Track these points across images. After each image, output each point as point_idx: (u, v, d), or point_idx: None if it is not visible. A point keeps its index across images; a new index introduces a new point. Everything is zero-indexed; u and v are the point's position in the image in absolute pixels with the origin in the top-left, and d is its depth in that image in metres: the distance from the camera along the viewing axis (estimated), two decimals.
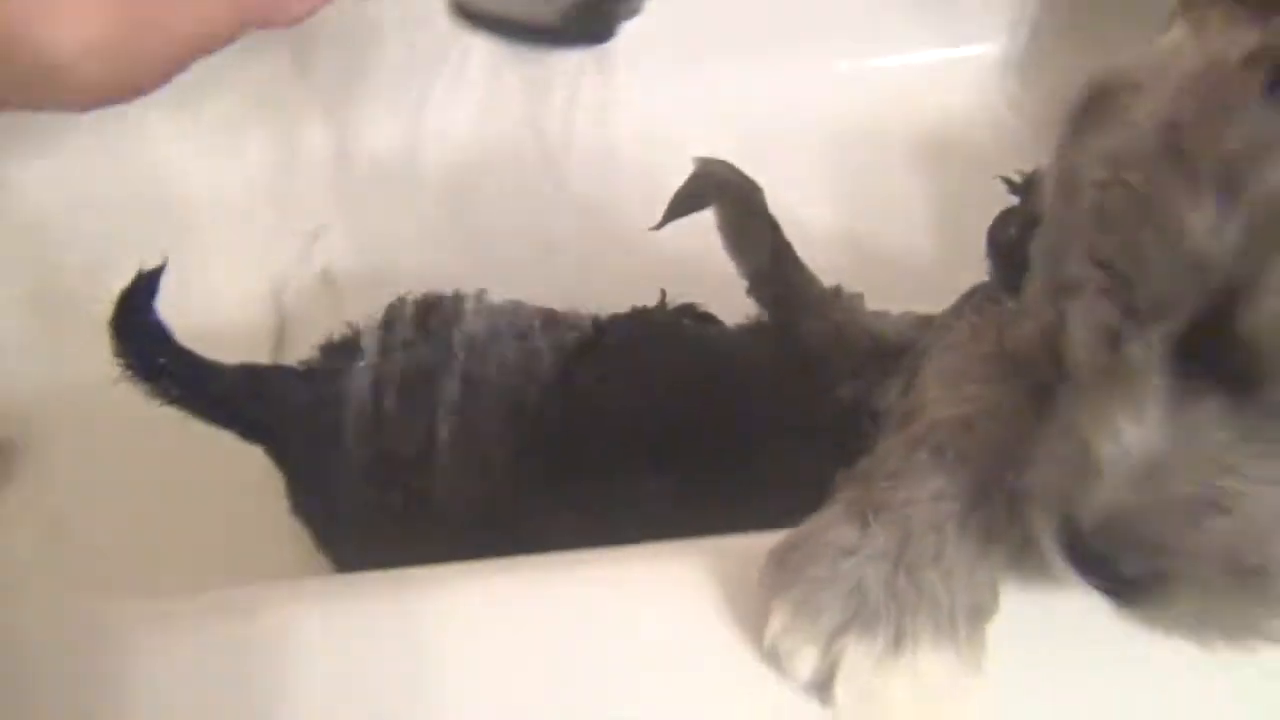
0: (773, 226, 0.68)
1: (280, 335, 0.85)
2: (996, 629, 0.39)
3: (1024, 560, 0.39)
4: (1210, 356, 0.32)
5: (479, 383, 0.63)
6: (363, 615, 0.44)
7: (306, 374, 0.66)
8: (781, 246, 0.68)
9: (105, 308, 0.63)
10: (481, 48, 0.59)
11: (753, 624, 0.41)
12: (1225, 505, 0.32)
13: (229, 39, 0.44)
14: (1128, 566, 0.34)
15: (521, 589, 0.45)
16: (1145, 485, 0.33)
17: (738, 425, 0.60)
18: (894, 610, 0.38)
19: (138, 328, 0.62)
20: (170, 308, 0.63)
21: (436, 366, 0.63)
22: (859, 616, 0.38)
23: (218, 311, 0.85)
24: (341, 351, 0.66)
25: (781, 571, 0.39)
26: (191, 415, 0.63)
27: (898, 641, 0.38)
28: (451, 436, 0.61)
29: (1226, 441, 0.32)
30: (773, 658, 0.39)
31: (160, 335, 0.62)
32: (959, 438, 0.41)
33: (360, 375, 0.63)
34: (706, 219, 0.68)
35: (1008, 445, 0.39)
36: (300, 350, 0.69)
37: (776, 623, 0.39)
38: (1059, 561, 0.35)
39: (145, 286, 0.62)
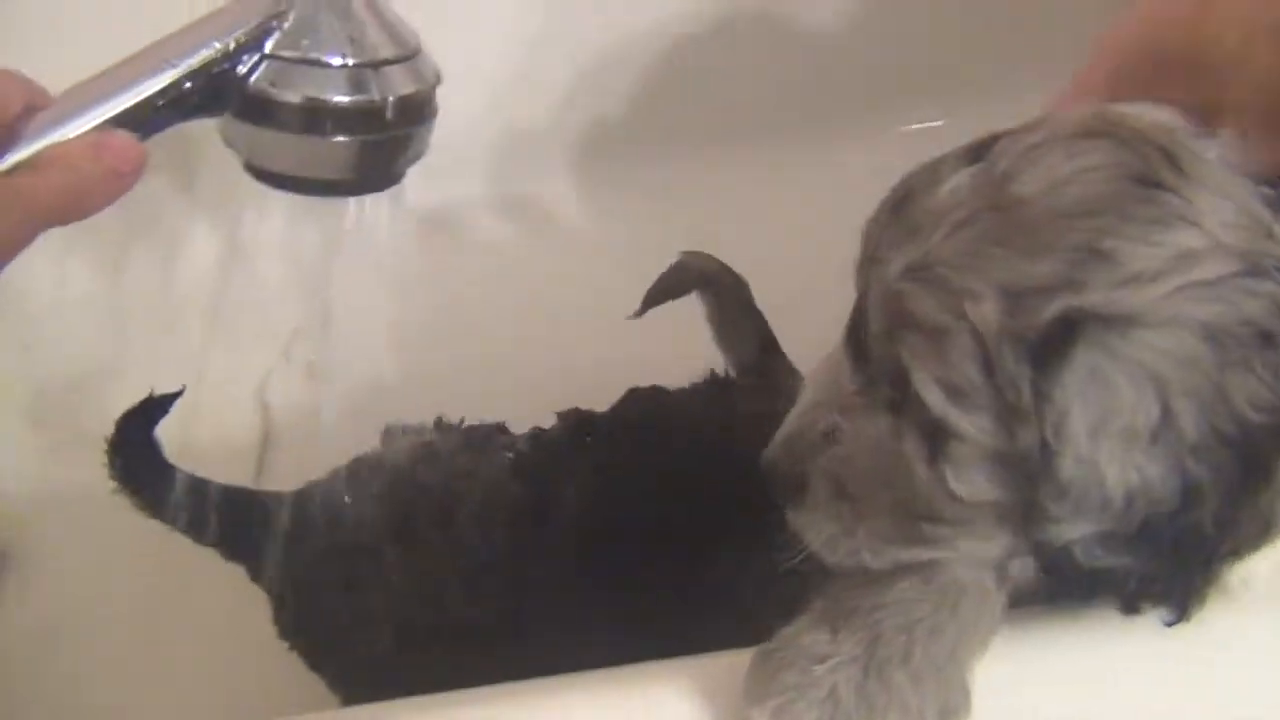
0: (759, 319, 0.69)
1: (266, 437, 0.86)
2: None
3: None
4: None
5: (439, 504, 0.63)
6: None
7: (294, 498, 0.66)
8: (768, 339, 0.68)
9: (97, 421, 0.63)
10: None
11: None
12: (836, 437, 0.43)
13: (27, 243, 0.45)
14: (783, 475, 0.45)
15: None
16: (804, 419, 0.44)
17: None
18: (864, 713, 0.40)
19: (136, 447, 0.62)
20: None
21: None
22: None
23: (203, 414, 0.85)
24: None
25: (758, 680, 0.41)
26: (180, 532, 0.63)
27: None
28: (406, 559, 0.62)
29: (849, 391, 0.43)
30: None
31: (156, 454, 0.62)
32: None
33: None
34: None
35: None
36: (289, 451, 0.69)
37: None
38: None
39: (153, 410, 0.62)
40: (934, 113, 0.95)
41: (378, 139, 0.53)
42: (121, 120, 0.48)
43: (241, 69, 0.51)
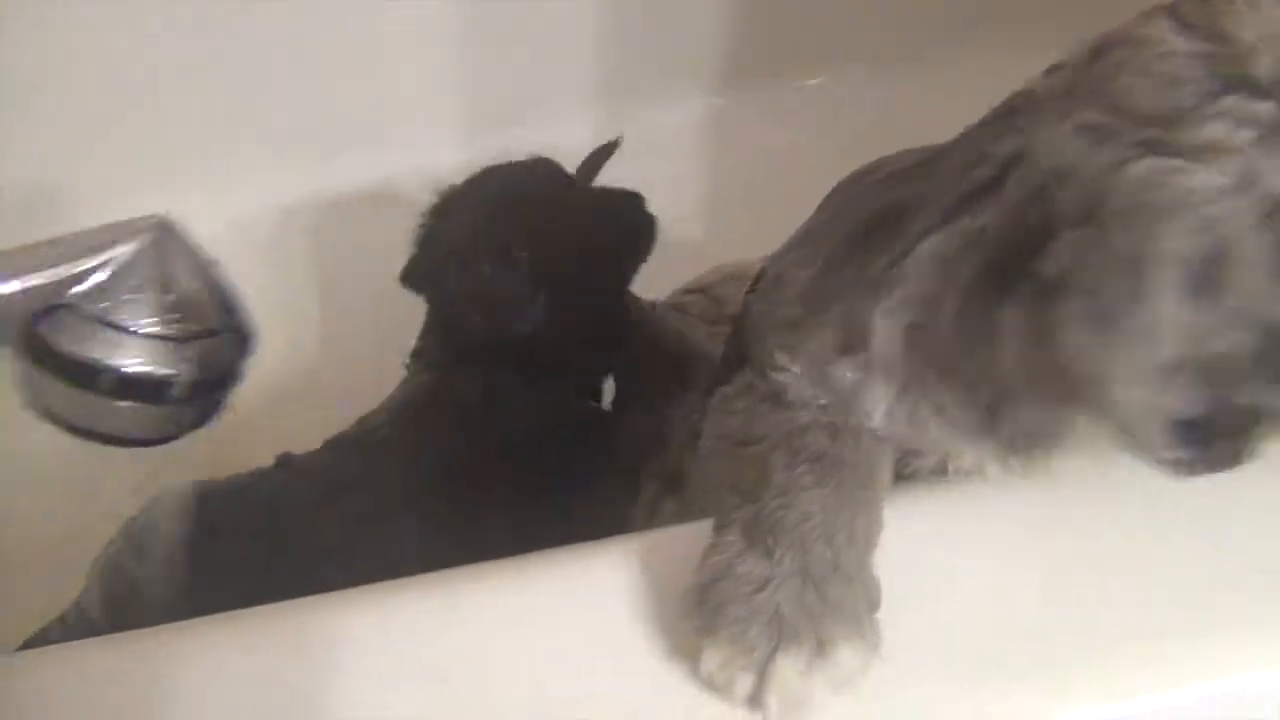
0: None
1: None
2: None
3: None
4: None
5: None
6: (263, 646, 0.47)
7: None
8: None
9: None
10: None
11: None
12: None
13: None
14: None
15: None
16: None
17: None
18: (809, 624, 0.44)
19: None
20: None
21: None
22: (783, 638, 0.44)
23: None
24: None
25: (703, 611, 0.45)
26: None
27: (819, 649, 0.44)
28: None
29: None
30: (708, 685, 0.45)
31: None
32: (828, 444, 0.48)
33: None
34: None
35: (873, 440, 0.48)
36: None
37: (712, 661, 0.44)
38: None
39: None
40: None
41: (163, 408, 0.52)
42: None
43: (35, 307, 0.48)
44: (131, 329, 0.49)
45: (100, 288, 0.48)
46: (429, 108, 1.05)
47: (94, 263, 0.49)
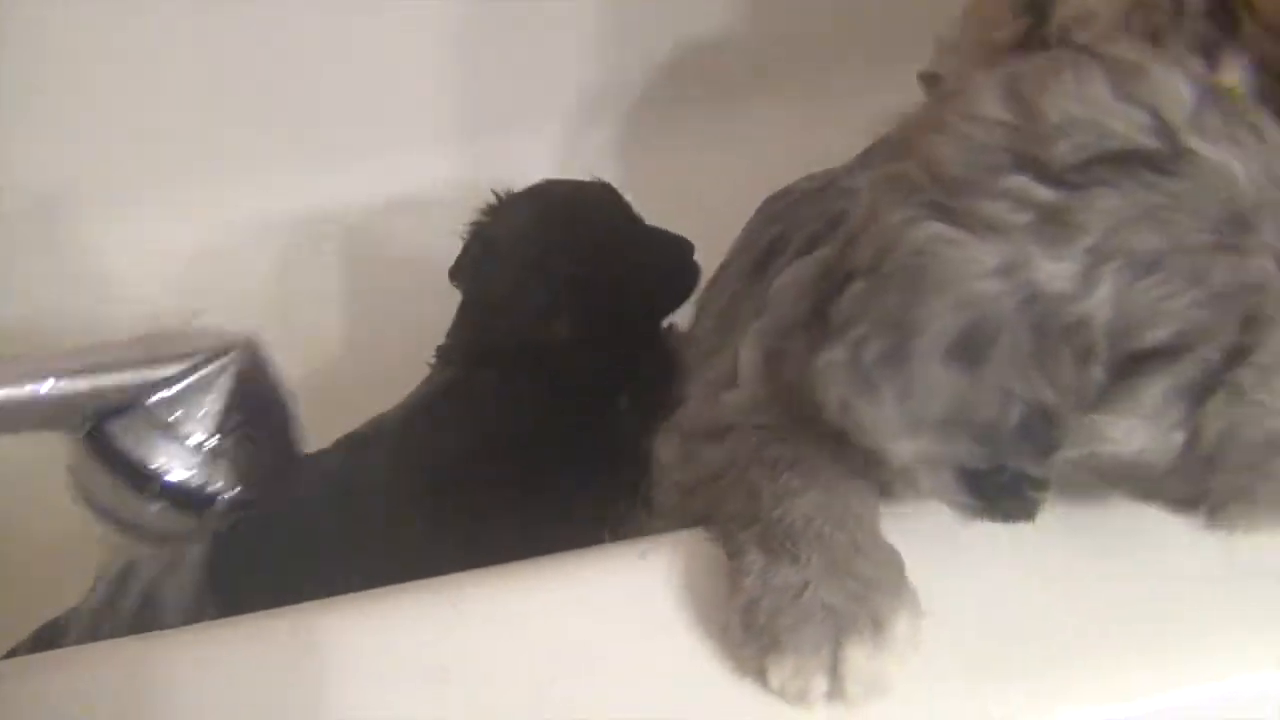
0: None
1: None
2: None
3: None
4: None
5: None
6: (265, 650, 0.48)
7: None
8: None
9: None
10: None
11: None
12: None
13: None
14: None
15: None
16: None
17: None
18: (859, 608, 0.45)
19: None
20: None
21: None
22: (841, 629, 0.44)
23: None
24: None
25: (756, 633, 0.45)
26: None
27: (877, 628, 0.44)
28: None
29: None
30: (782, 697, 0.45)
31: None
32: (792, 449, 0.49)
33: None
34: None
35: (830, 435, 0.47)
36: None
37: (781, 674, 0.45)
38: None
39: None
40: None
41: (195, 518, 0.51)
42: None
43: (103, 405, 0.48)
44: (196, 443, 0.49)
45: (174, 398, 0.49)
46: (433, 115, 1.05)
47: (173, 372, 0.49)
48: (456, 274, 0.82)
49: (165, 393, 0.48)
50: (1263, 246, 0.41)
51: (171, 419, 0.49)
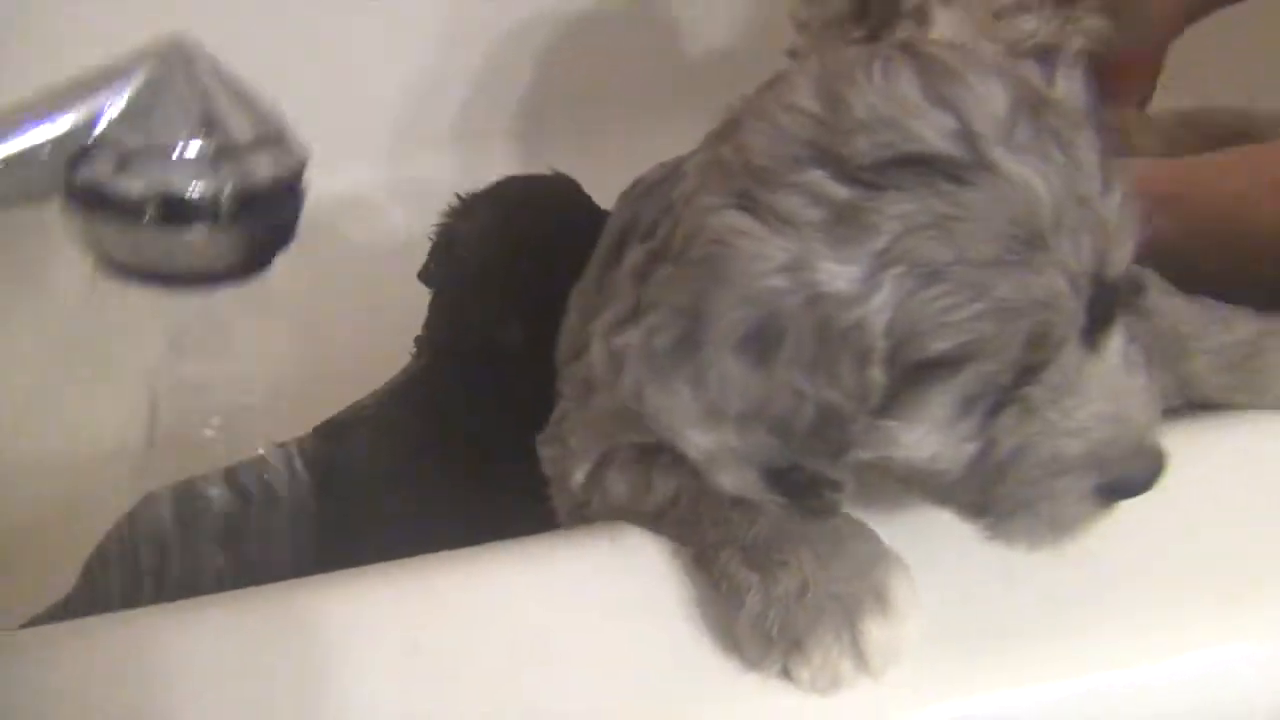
0: None
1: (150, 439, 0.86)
2: None
3: None
4: None
5: None
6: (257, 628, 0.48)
7: None
8: None
9: None
10: None
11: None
12: None
13: None
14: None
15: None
16: None
17: None
18: (860, 586, 0.45)
19: None
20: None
21: None
22: (851, 612, 0.44)
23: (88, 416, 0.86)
24: None
25: (774, 643, 0.45)
26: None
27: (880, 600, 0.45)
28: None
29: None
30: (815, 691, 0.45)
31: None
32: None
33: None
34: None
35: None
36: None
37: (808, 671, 0.44)
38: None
39: None
40: None
41: (237, 230, 0.49)
42: None
43: (67, 153, 0.46)
44: (166, 153, 0.46)
45: (127, 117, 0.46)
46: (412, 117, 1.06)
47: (113, 94, 0.46)
48: (424, 275, 0.84)
49: (111, 117, 0.46)
50: (1055, 264, 0.41)
51: (133, 138, 0.46)
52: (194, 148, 0.47)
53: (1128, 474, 0.44)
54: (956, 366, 0.41)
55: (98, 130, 0.46)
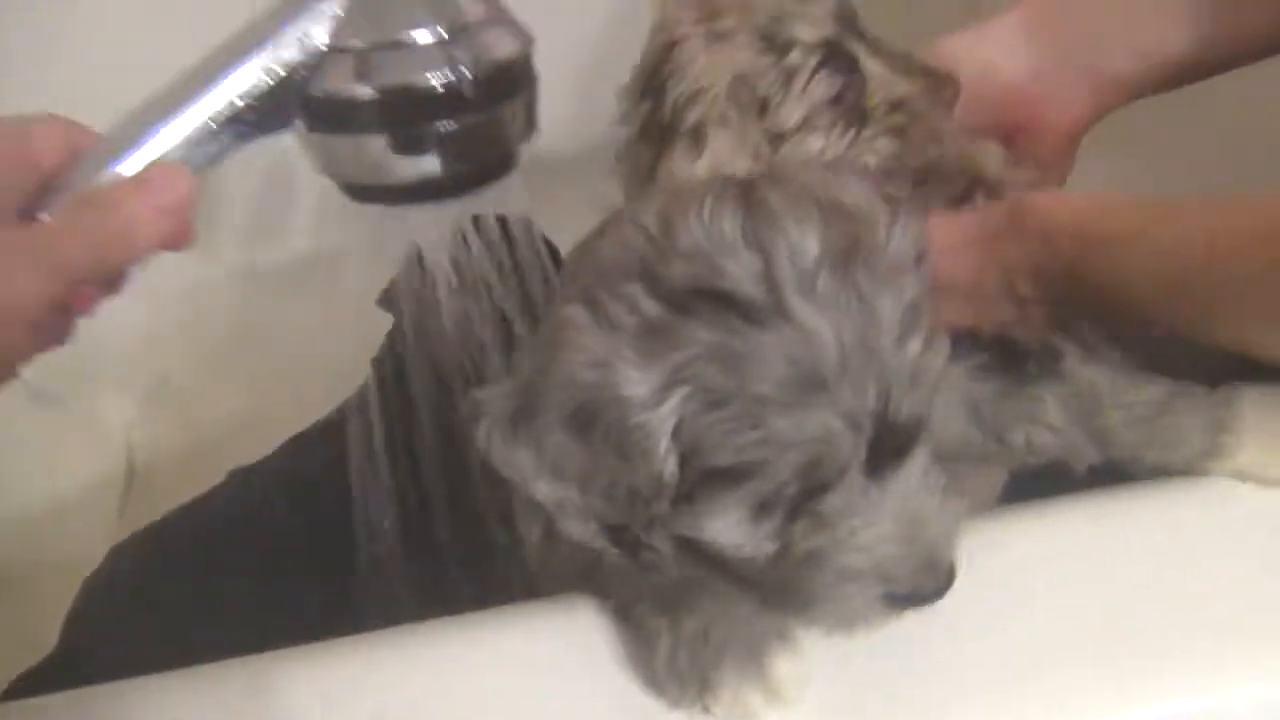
0: None
1: (130, 478, 0.88)
2: None
3: None
4: None
5: None
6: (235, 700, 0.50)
7: None
8: None
9: None
10: None
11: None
12: None
13: (56, 297, 0.41)
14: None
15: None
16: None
17: None
18: (763, 622, 0.49)
19: None
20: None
21: None
22: (756, 647, 0.48)
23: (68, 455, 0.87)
24: None
25: (687, 680, 0.48)
26: None
27: (782, 634, 0.48)
28: None
29: None
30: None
31: None
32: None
33: None
34: None
35: None
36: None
37: (722, 705, 0.47)
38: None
39: None
40: None
41: (481, 119, 0.48)
42: (175, 152, 0.43)
43: (300, 71, 0.44)
44: (401, 46, 0.45)
45: (348, 17, 0.44)
46: None
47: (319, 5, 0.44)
48: (383, 301, 0.86)
49: (336, 13, 0.44)
50: (831, 405, 0.44)
51: (371, 37, 0.45)
52: (425, 35, 0.46)
53: (915, 588, 0.47)
54: (740, 479, 0.46)
55: (322, 42, 0.44)
